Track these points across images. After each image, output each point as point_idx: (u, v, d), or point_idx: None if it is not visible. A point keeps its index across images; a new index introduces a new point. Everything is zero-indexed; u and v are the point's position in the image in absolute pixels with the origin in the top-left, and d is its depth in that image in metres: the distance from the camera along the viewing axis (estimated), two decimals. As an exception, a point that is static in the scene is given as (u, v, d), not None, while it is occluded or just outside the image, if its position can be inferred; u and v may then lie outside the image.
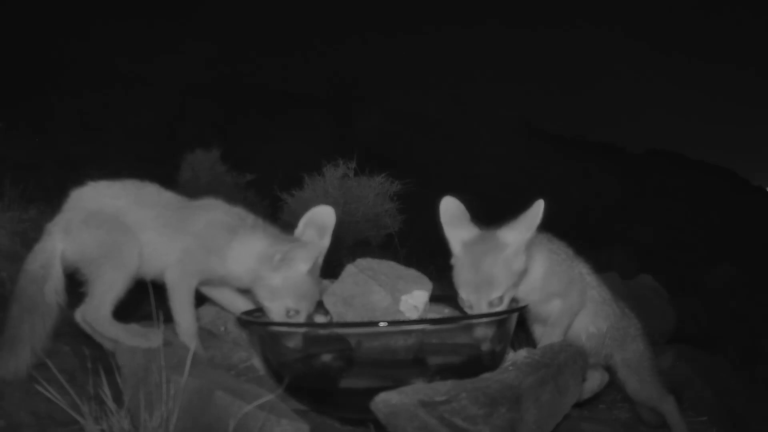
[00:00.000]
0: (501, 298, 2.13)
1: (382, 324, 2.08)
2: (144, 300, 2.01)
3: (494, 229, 2.19)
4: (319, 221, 2.21)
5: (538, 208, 2.13)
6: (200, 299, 2.30)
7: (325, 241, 2.21)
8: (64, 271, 2.12)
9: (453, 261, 2.21)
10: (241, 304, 2.30)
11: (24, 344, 2.04)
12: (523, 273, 2.21)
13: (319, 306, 2.38)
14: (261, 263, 2.12)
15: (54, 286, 2.09)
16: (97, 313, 2.04)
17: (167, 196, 2.25)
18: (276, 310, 2.12)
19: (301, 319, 2.14)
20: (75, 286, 2.13)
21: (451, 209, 2.25)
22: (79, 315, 2.08)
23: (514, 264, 2.15)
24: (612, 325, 2.54)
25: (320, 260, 2.20)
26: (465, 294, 2.15)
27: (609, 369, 2.68)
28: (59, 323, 2.13)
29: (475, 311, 2.13)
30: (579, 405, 2.59)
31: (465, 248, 2.18)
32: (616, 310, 2.57)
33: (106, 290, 2.05)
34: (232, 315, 2.34)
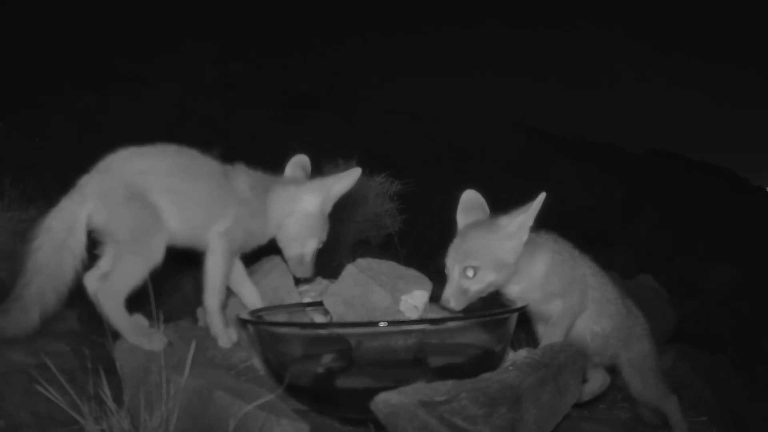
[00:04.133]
0: (475, 270, 2.15)
1: (382, 324, 2.08)
2: (144, 300, 2.01)
3: (498, 216, 2.25)
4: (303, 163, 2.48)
5: (539, 200, 2.18)
6: (201, 299, 2.29)
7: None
8: (87, 229, 2.06)
9: None
10: (257, 301, 2.35)
11: (33, 305, 1.98)
12: (511, 268, 2.23)
13: (320, 306, 2.39)
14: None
15: (73, 251, 2.03)
16: (108, 296, 2.01)
17: (210, 166, 2.23)
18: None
19: None
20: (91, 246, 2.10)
21: (470, 200, 2.33)
22: (93, 285, 2.06)
23: (501, 250, 2.19)
24: (617, 324, 2.54)
25: None
26: (447, 260, 2.22)
27: (613, 369, 2.67)
28: (74, 290, 2.08)
29: (448, 278, 2.19)
30: (579, 405, 2.59)
31: (464, 227, 2.25)
32: (621, 309, 2.56)
33: (126, 278, 2.01)
34: (232, 315, 2.34)
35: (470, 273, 2.17)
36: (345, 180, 2.34)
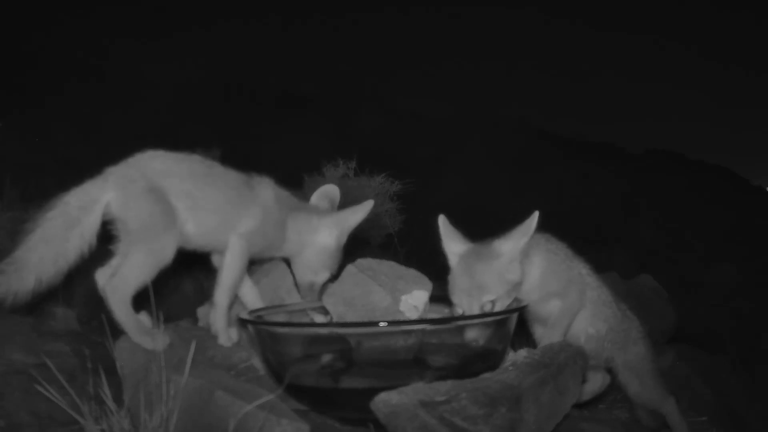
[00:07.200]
0: (493, 303, 2.18)
1: (382, 324, 2.08)
2: (145, 300, 2.01)
3: (490, 241, 2.26)
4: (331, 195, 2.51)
5: (533, 220, 2.21)
6: (200, 299, 2.29)
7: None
8: (103, 217, 2.06)
9: (450, 272, 2.29)
10: (256, 300, 2.37)
11: (30, 270, 1.97)
12: (518, 284, 2.26)
13: (319, 306, 2.39)
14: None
15: (82, 232, 2.03)
16: (116, 290, 2.01)
17: (229, 176, 2.26)
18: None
19: None
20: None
21: (447, 224, 2.35)
22: (103, 281, 2.07)
23: (507, 273, 2.22)
24: (612, 327, 2.54)
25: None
26: (458, 299, 2.22)
27: (610, 371, 2.67)
28: (74, 270, 2.06)
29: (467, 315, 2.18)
30: (579, 405, 2.59)
31: (461, 259, 2.26)
32: (616, 312, 2.56)
33: (134, 272, 2.01)
34: (232, 315, 2.34)
35: (488, 307, 2.19)
36: (360, 212, 2.41)
